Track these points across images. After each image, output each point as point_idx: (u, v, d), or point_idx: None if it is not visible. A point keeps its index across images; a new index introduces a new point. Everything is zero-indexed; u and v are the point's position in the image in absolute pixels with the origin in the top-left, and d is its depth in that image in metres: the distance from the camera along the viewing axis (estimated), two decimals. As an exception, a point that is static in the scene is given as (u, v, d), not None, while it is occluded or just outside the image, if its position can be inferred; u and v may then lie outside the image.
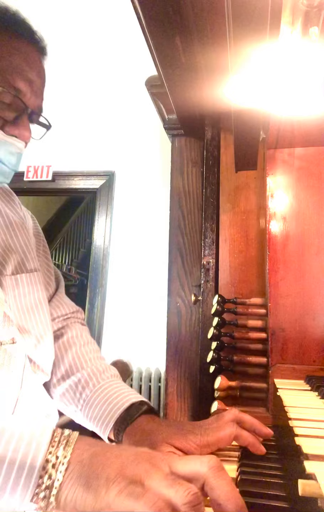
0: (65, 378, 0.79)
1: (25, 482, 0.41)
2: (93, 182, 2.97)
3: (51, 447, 0.43)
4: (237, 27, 0.56)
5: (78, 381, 0.77)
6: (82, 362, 0.80)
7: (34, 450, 0.42)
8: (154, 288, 2.68)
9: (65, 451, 0.42)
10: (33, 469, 0.41)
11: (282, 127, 0.93)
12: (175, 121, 1.33)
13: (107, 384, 0.76)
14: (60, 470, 0.41)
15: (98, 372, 0.78)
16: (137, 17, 0.83)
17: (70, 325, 0.87)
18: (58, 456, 0.42)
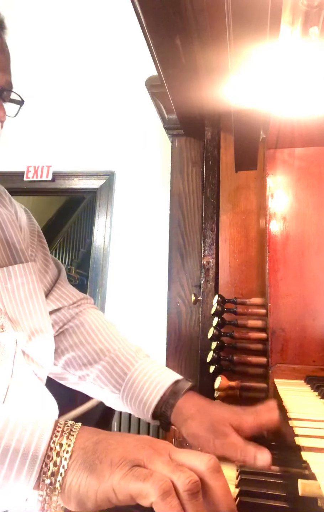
0: (97, 361, 0.78)
1: (29, 470, 0.42)
2: (93, 182, 2.97)
3: (54, 437, 0.44)
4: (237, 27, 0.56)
5: (113, 362, 0.77)
6: (112, 344, 0.80)
7: (37, 439, 0.43)
8: (154, 288, 2.68)
9: (69, 440, 0.43)
10: (36, 458, 0.42)
11: (282, 127, 0.93)
12: (175, 121, 1.33)
13: (146, 362, 0.76)
14: (64, 457, 0.42)
15: (133, 352, 0.78)
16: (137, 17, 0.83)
17: (85, 311, 0.86)
18: (62, 444, 0.43)
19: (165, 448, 0.44)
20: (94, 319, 0.84)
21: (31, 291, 0.75)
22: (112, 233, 2.89)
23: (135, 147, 2.93)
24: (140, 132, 2.93)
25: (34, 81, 3.11)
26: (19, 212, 0.86)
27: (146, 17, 0.81)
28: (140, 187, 2.89)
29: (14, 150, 3.04)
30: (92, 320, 0.84)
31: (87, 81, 3.07)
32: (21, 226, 0.84)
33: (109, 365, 0.77)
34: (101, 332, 0.82)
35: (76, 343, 0.82)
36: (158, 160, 2.88)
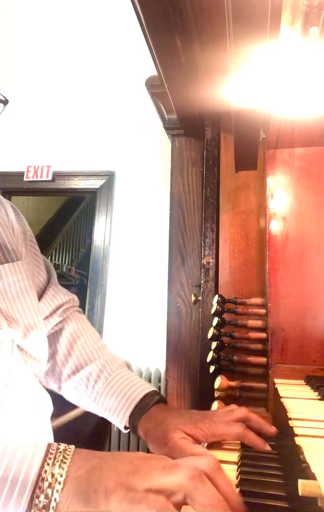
0: (75, 372, 0.82)
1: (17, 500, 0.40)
2: (93, 182, 2.97)
3: (46, 465, 0.42)
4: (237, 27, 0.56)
5: (89, 374, 0.80)
6: (90, 355, 0.83)
7: (27, 467, 0.42)
8: (154, 288, 2.68)
9: (61, 469, 0.42)
10: (25, 487, 0.41)
11: (282, 127, 0.93)
12: (175, 121, 1.33)
13: (118, 376, 0.79)
14: (56, 489, 0.41)
15: (107, 363, 0.81)
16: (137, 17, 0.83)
17: (70, 316, 0.89)
18: (54, 474, 0.41)
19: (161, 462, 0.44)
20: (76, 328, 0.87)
21: (22, 289, 0.76)
22: (112, 233, 2.89)
23: (135, 147, 2.93)
24: (140, 132, 2.93)
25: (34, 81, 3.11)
26: (9, 211, 0.86)
27: (146, 17, 0.81)
28: (140, 187, 2.90)
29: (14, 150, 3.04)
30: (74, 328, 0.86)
31: (87, 81, 3.07)
32: (13, 226, 0.84)
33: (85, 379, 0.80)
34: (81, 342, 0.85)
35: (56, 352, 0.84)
36: (158, 160, 2.88)
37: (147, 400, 0.74)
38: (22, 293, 0.75)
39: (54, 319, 0.86)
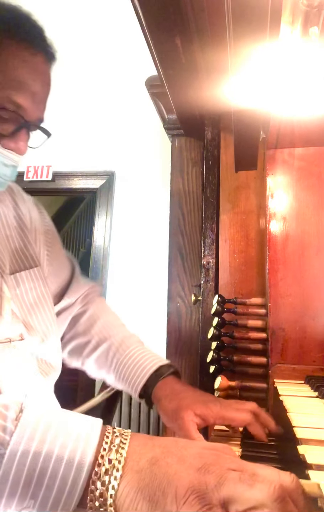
0: (96, 348, 0.87)
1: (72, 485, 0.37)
2: (93, 182, 2.97)
3: (102, 450, 0.38)
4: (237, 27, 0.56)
5: (109, 347, 0.86)
6: (110, 331, 0.89)
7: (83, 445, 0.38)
8: (154, 288, 2.68)
9: (119, 454, 0.38)
10: (82, 467, 0.37)
11: (282, 127, 0.93)
12: (175, 121, 1.33)
13: (136, 349, 0.84)
14: (114, 475, 0.37)
15: (126, 338, 0.87)
16: (137, 17, 0.83)
17: (91, 301, 0.95)
18: (110, 460, 0.38)
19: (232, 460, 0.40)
20: (97, 309, 0.94)
21: (40, 295, 0.79)
22: (112, 233, 2.89)
23: (135, 147, 2.93)
24: (140, 132, 2.93)
25: (34, 81, 3.11)
26: (32, 210, 0.89)
27: (146, 17, 0.81)
28: (140, 187, 2.89)
29: (14, 150, 3.04)
30: (94, 310, 0.93)
31: (87, 81, 3.07)
32: (35, 228, 0.87)
33: (105, 352, 0.86)
34: (101, 321, 0.91)
35: (80, 333, 0.91)
36: (158, 160, 2.88)
37: (163, 369, 0.78)
38: (39, 300, 0.78)
39: (76, 306, 0.93)
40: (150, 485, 0.37)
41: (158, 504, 0.36)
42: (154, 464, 0.38)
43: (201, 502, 0.36)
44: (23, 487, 0.36)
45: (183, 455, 0.39)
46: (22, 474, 0.37)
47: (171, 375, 0.78)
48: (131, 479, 0.37)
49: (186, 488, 0.36)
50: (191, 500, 0.36)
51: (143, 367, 0.79)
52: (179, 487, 0.36)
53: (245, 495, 0.36)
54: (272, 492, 0.36)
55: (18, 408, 0.40)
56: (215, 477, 0.37)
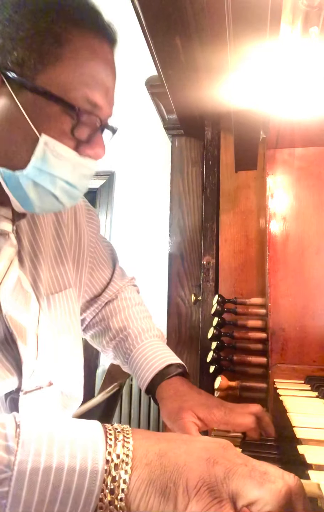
0: (116, 336, 0.88)
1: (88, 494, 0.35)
2: (93, 182, 2.97)
3: (108, 447, 0.37)
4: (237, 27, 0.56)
5: (125, 338, 0.86)
6: (131, 322, 0.88)
7: (92, 452, 0.36)
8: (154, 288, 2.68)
9: (125, 448, 0.37)
10: (96, 475, 0.35)
11: (282, 127, 0.93)
12: (175, 121, 1.33)
13: (150, 343, 0.83)
14: (125, 469, 0.36)
15: (143, 331, 0.86)
16: (137, 17, 0.83)
17: (122, 289, 0.94)
18: (119, 455, 0.37)
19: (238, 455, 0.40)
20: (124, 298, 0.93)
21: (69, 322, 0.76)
22: (112, 232, 2.89)
23: (135, 147, 2.93)
24: (140, 132, 2.93)
25: (34, 81, 3.11)
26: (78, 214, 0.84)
27: (146, 17, 0.81)
28: (140, 187, 2.89)
29: (14, 150, 3.04)
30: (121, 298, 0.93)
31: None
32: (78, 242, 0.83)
33: (121, 343, 0.87)
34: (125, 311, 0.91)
35: (102, 319, 0.91)
36: (158, 160, 2.88)
37: (171, 369, 0.77)
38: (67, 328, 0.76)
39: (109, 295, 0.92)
40: (161, 478, 0.36)
41: (170, 496, 0.35)
42: (162, 456, 0.38)
43: (212, 494, 0.35)
44: (36, 507, 0.34)
45: (189, 448, 0.39)
46: (35, 494, 0.34)
47: (178, 376, 0.76)
48: (142, 472, 0.36)
49: (197, 480, 0.36)
50: (202, 492, 0.35)
51: (151, 364, 0.78)
52: (189, 478, 0.36)
53: (254, 492, 0.36)
54: (281, 494, 0.35)
55: (14, 424, 0.37)
56: (223, 469, 0.37)
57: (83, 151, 0.62)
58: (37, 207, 0.62)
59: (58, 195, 0.62)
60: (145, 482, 0.36)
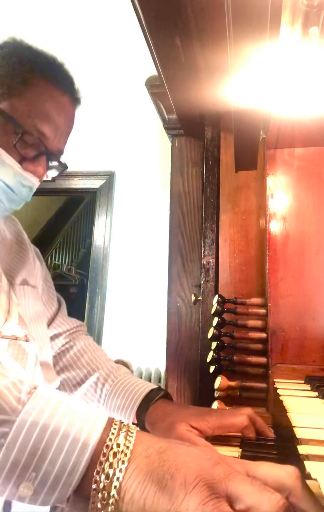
0: (84, 380, 0.88)
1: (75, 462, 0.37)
2: (93, 182, 2.97)
3: (111, 434, 0.39)
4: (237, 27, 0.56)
5: (97, 379, 0.86)
6: (97, 365, 0.90)
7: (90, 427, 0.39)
8: (154, 288, 2.68)
9: (127, 441, 0.39)
10: (86, 447, 0.38)
11: (282, 127, 0.93)
12: (175, 121, 1.33)
13: (123, 378, 0.85)
14: (122, 459, 0.37)
15: (114, 370, 0.88)
16: (137, 17, 0.83)
17: (77, 337, 0.96)
18: (119, 444, 0.38)
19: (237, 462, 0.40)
20: (84, 345, 0.94)
21: (39, 313, 0.83)
22: (112, 233, 2.89)
23: (135, 147, 2.93)
24: (140, 132, 2.93)
25: (34, 81, 3.11)
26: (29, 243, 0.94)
27: (146, 17, 0.81)
28: (140, 187, 2.89)
29: (14, 150, 3.04)
30: (82, 345, 0.94)
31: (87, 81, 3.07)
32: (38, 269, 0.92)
33: (93, 386, 0.86)
34: (88, 355, 0.92)
35: (67, 366, 0.91)
36: (158, 160, 2.88)
37: (153, 394, 0.78)
38: (38, 318, 0.81)
39: (61, 341, 0.94)
40: (159, 469, 0.37)
41: (167, 487, 0.36)
42: (162, 453, 0.39)
43: (210, 490, 0.36)
44: (28, 456, 0.37)
45: (190, 449, 0.40)
46: (29, 444, 0.37)
47: (161, 399, 0.77)
48: (141, 463, 0.37)
49: (195, 475, 0.36)
50: (200, 487, 0.36)
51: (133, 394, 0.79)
52: (188, 474, 0.37)
53: (253, 498, 0.36)
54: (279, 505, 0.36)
55: (32, 384, 0.42)
56: (223, 471, 0.37)
57: (26, 166, 0.76)
58: None
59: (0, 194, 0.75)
60: (143, 472, 0.37)
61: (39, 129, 0.74)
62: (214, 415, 0.67)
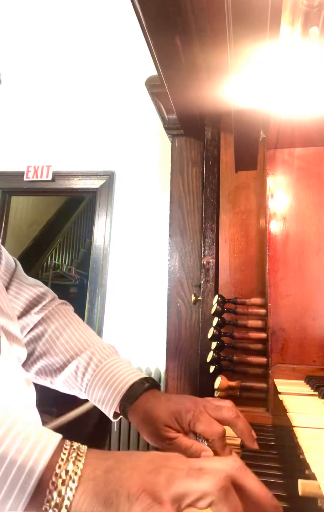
0: (63, 367, 0.79)
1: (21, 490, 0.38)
2: (93, 182, 2.97)
3: (60, 460, 0.40)
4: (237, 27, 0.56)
5: (76, 368, 0.78)
6: (76, 349, 0.79)
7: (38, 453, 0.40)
8: (154, 288, 2.68)
9: (76, 467, 0.40)
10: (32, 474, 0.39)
11: (282, 127, 0.93)
12: (175, 121, 1.33)
13: (106, 366, 0.76)
14: (70, 487, 0.39)
15: (94, 354, 0.78)
16: (137, 17, 0.83)
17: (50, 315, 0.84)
18: (68, 471, 0.40)
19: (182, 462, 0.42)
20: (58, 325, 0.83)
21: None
22: (112, 233, 2.89)
23: (135, 147, 2.93)
24: (140, 132, 2.93)
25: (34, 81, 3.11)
26: None
27: (146, 17, 0.81)
28: (140, 187, 2.90)
29: (14, 150, 3.04)
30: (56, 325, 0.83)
31: (87, 81, 3.07)
32: None
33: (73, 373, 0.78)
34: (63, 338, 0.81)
35: (44, 352, 0.81)
36: (158, 160, 2.88)
37: (135, 389, 0.71)
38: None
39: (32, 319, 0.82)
40: (104, 490, 0.39)
41: (113, 505, 0.38)
42: (109, 472, 0.40)
43: (152, 498, 0.38)
44: None
45: (135, 463, 0.42)
46: None
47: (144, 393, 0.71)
48: (87, 487, 0.39)
49: (137, 488, 0.39)
50: (143, 497, 0.38)
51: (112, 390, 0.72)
52: (131, 487, 0.39)
53: (192, 487, 0.38)
54: (217, 481, 0.38)
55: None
56: (165, 477, 0.40)
57: None
58: None
59: None
60: (90, 495, 0.39)
61: None
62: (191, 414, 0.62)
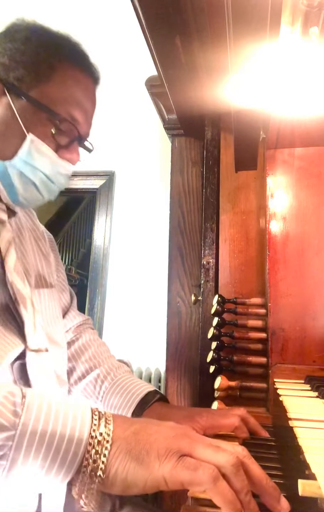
0: (85, 375, 0.88)
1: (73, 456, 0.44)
2: (93, 182, 2.97)
3: (93, 425, 0.46)
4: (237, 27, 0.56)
5: (97, 376, 0.87)
6: (99, 361, 0.90)
7: (80, 424, 0.45)
8: (154, 288, 2.68)
9: (107, 428, 0.46)
10: (81, 442, 0.44)
11: (282, 127, 0.93)
12: (175, 121, 1.33)
13: (123, 377, 0.85)
14: (105, 446, 0.44)
15: (114, 368, 0.88)
16: (137, 17, 0.83)
17: (84, 331, 0.97)
18: (101, 433, 0.45)
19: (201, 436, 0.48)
20: (89, 339, 0.95)
21: (56, 314, 0.82)
22: (112, 233, 2.88)
23: (135, 147, 2.93)
24: (140, 132, 2.93)
25: (34, 81, 3.11)
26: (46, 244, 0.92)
27: (146, 17, 0.81)
28: (140, 187, 2.89)
29: (14, 150, 3.04)
30: (86, 339, 0.94)
31: (87, 81, 3.07)
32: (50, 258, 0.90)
33: (93, 381, 0.87)
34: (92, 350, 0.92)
35: (69, 359, 0.91)
36: (158, 160, 2.88)
37: (149, 397, 0.79)
38: (55, 319, 0.81)
39: (69, 334, 0.94)
40: (135, 447, 0.45)
41: (144, 461, 0.44)
42: (137, 434, 0.46)
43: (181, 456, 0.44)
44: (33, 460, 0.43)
45: (159, 428, 0.48)
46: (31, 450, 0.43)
47: (157, 402, 0.78)
48: (120, 444, 0.45)
49: (165, 449, 0.44)
50: (170, 456, 0.44)
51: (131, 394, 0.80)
52: (159, 448, 0.45)
53: (210, 457, 0.44)
54: (232, 458, 0.44)
55: (20, 394, 0.46)
56: (186, 443, 0.45)
57: (61, 154, 0.76)
58: (21, 196, 0.75)
59: (38, 185, 0.75)
60: (123, 451, 0.45)
61: (72, 115, 0.75)
62: (205, 416, 0.68)
